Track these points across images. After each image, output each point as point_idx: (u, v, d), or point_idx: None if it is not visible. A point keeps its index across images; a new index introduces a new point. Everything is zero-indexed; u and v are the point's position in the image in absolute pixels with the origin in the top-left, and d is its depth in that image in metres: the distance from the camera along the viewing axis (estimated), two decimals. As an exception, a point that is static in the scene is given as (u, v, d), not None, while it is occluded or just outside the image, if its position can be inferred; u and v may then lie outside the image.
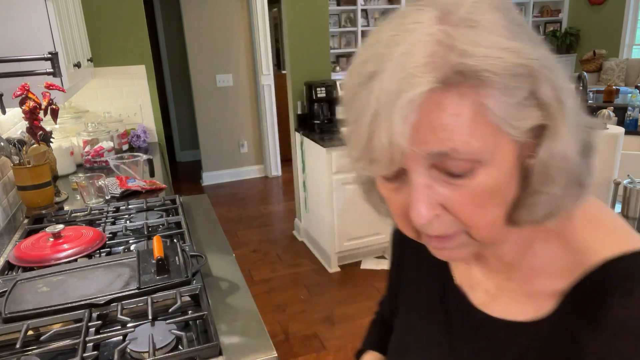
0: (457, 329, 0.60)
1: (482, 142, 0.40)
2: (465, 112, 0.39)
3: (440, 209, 0.44)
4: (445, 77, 0.39)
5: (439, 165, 0.42)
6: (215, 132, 5.08)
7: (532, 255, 0.52)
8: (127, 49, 3.06)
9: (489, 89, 0.39)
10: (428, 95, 0.39)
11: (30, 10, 1.52)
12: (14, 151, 1.68)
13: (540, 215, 0.46)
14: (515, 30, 0.41)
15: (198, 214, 1.73)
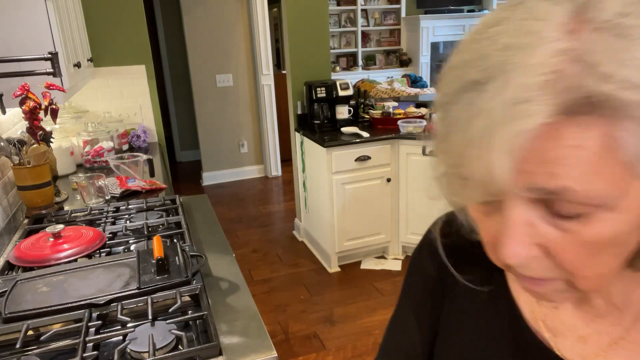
0: None
1: (606, 185, 0.31)
2: (590, 145, 0.30)
3: (538, 250, 0.36)
4: (573, 105, 0.30)
5: (545, 201, 0.34)
6: (215, 132, 5.08)
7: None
8: (127, 49, 3.06)
9: (627, 121, 0.30)
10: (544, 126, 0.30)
11: (30, 10, 1.52)
12: (14, 151, 1.68)
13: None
14: None
15: (198, 214, 1.73)
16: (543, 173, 0.31)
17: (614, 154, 0.31)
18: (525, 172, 0.32)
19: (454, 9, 6.45)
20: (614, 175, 0.31)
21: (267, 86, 4.98)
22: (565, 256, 0.35)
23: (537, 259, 0.36)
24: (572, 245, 0.35)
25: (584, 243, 0.34)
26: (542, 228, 0.35)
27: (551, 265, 0.36)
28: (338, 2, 6.14)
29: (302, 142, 3.33)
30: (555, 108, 0.30)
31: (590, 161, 0.31)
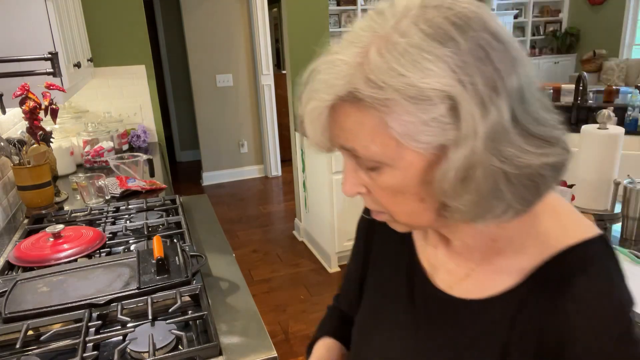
0: (421, 309, 0.63)
1: (381, 149, 0.48)
2: (367, 122, 0.47)
3: (363, 189, 0.54)
4: (343, 96, 0.47)
5: (355, 156, 0.51)
6: (215, 132, 5.08)
7: (493, 239, 0.57)
8: (127, 49, 3.06)
9: (390, 110, 0.45)
10: (334, 106, 0.48)
11: (30, 10, 1.52)
12: (14, 151, 1.68)
13: (462, 219, 0.50)
14: (436, 57, 0.43)
15: (198, 214, 1.73)
16: (342, 137, 0.50)
17: (385, 131, 0.46)
18: (335, 134, 0.50)
19: (454, 9, 6.45)
20: (387, 144, 0.47)
21: (267, 86, 4.98)
22: (377, 195, 0.53)
23: (366, 197, 0.55)
24: (378, 189, 0.52)
25: (382, 188, 0.51)
26: (361, 174, 0.52)
27: (375, 202, 0.54)
28: (338, 2, 6.14)
29: (302, 142, 3.33)
30: (332, 97, 0.47)
31: (367, 133, 0.47)
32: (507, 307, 0.55)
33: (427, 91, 0.43)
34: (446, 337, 0.59)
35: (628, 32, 6.64)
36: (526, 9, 7.42)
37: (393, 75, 0.44)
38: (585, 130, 1.58)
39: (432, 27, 0.44)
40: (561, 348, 0.51)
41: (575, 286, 0.51)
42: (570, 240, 0.53)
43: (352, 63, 0.46)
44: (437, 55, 0.43)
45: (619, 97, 3.03)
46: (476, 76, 0.44)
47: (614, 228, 1.51)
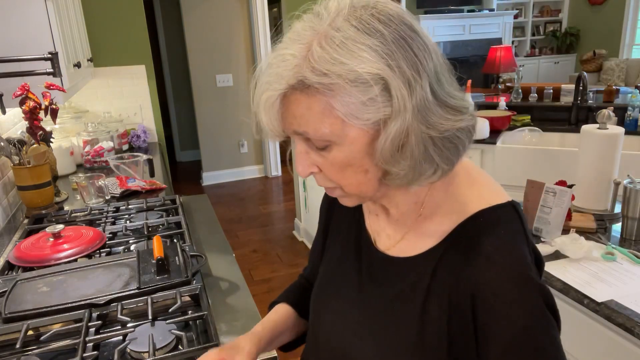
0: (365, 270, 0.72)
1: (329, 129, 0.55)
2: (315, 107, 0.54)
3: (315, 168, 0.61)
4: (294, 85, 0.54)
5: (307, 139, 0.58)
6: (215, 132, 5.08)
7: (421, 206, 0.67)
8: (127, 49, 3.05)
9: (334, 94, 0.53)
10: (285, 95, 0.55)
11: (30, 10, 1.52)
12: (14, 151, 1.68)
13: (401, 183, 0.59)
14: (367, 47, 0.52)
15: (198, 214, 1.73)
16: (295, 123, 0.57)
17: (331, 113, 0.54)
18: (288, 122, 0.57)
19: (454, 9, 6.45)
20: (334, 124, 0.55)
21: (267, 86, 4.97)
22: (328, 172, 0.60)
23: (318, 175, 0.62)
24: (328, 165, 0.59)
25: (333, 164, 0.59)
26: (312, 155, 0.60)
27: (326, 178, 0.62)
28: (338, 2, 6.13)
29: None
30: (284, 86, 0.54)
31: (317, 117, 0.55)
32: (429, 262, 0.64)
33: (364, 75, 0.52)
34: (380, 290, 0.69)
35: (628, 32, 6.64)
36: (526, 9, 7.41)
37: (334, 64, 0.52)
38: (585, 130, 1.58)
39: (362, 23, 0.53)
40: (472, 295, 0.59)
41: (484, 244, 0.60)
42: (483, 205, 0.63)
43: (298, 56, 0.54)
44: (368, 45, 0.52)
45: (619, 97, 3.03)
46: (401, 61, 0.53)
47: (614, 228, 1.51)
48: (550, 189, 1.43)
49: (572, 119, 2.87)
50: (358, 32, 0.53)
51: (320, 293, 0.79)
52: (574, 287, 1.19)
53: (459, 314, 0.61)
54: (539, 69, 7.45)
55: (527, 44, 7.53)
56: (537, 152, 2.54)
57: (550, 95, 3.12)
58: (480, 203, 0.63)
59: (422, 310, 0.63)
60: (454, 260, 0.62)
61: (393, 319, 0.66)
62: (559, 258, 1.34)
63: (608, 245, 1.38)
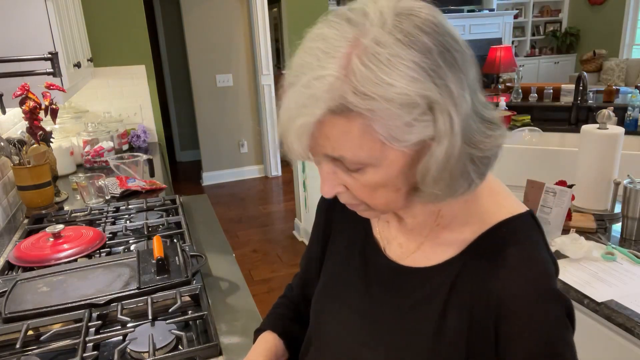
0: (373, 278, 0.69)
1: (368, 153, 0.51)
2: (354, 130, 0.50)
3: (342, 188, 0.58)
4: (333, 109, 0.48)
5: (338, 160, 0.54)
6: (215, 132, 5.07)
7: (438, 215, 0.64)
8: (127, 49, 3.05)
9: (377, 116, 0.48)
10: (320, 120, 0.49)
11: (30, 10, 1.52)
12: (14, 151, 1.68)
13: (430, 200, 0.57)
14: (415, 64, 0.48)
15: (198, 214, 1.73)
16: (328, 146, 0.52)
17: (371, 136, 0.50)
18: (319, 145, 0.52)
19: (454, 9, 6.45)
20: (373, 147, 0.51)
21: (267, 86, 4.97)
22: (357, 192, 0.57)
23: (343, 193, 0.58)
24: (359, 186, 0.56)
25: (364, 185, 0.55)
26: (341, 175, 0.56)
27: (352, 197, 0.58)
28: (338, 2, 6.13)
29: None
30: (323, 111, 0.48)
31: (355, 140, 0.50)
32: (448, 273, 0.62)
33: (413, 97, 0.48)
34: (394, 301, 0.66)
35: (628, 32, 6.64)
36: (526, 9, 7.41)
37: (380, 85, 0.47)
38: (585, 130, 1.58)
39: (407, 36, 0.48)
40: (497, 308, 0.58)
41: (509, 256, 0.58)
42: (503, 215, 0.62)
43: (336, 74, 0.48)
44: (416, 62, 0.48)
45: (619, 97, 3.03)
46: (447, 77, 0.49)
47: (614, 228, 1.51)
48: (550, 189, 1.43)
49: (572, 119, 2.87)
50: (404, 47, 0.48)
51: (323, 302, 0.76)
52: (574, 287, 1.19)
53: (481, 327, 0.59)
54: (539, 69, 7.45)
55: (527, 44, 7.53)
56: (537, 152, 2.54)
57: (550, 95, 3.12)
58: (501, 213, 0.62)
59: (438, 322, 0.61)
60: (476, 271, 0.60)
61: (407, 330, 0.63)
62: (559, 258, 1.34)
63: (608, 245, 1.38)
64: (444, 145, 0.51)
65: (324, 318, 0.74)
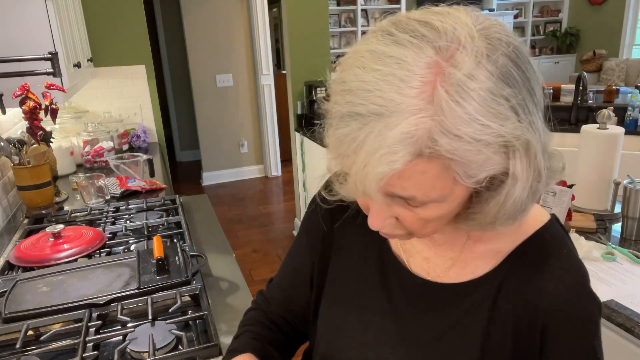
0: (399, 295, 0.65)
1: (439, 192, 0.48)
2: (432, 171, 0.45)
3: (393, 219, 0.54)
4: (420, 153, 0.43)
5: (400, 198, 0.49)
6: (215, 132, 5.07)
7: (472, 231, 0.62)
8: (127, 49, 3.05)
9: (458, 157, 0.44)
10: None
11: (30, 10, 1.52)
12: (14, 151, 1.68)
13: (477, 229, 0.56)
14: (505, 101, 0.43)
15: (198, 214, 1.73)
16: (398, 186, 0.47)
17: (447, 175, 0.46)
18: (390, 185, 0.46)
19: (454, 9, 6.44)
20: (445, 186, 0.47)
21: (267, 86, 4.98)
22: (409, 224, 0.53)
23: (391, 225, 0.54)
24: (414, 219, 0.52)
25: (421, 218, 0.52)
26: (396, 209, 0.52)
27: (400, 227, 0.54)
28: (338, 2, 6.14)
29: (302, 142, 3.33)
30: (409, 157, 0.43)
31: (430, 180, 0.46)
32: (488, 287, 0.59)
33: (507, 138, 0.44)
34: (429, 320, 0.62)
35: (628, 32, 6.64)
36: (526, 9, 7.41)
37: (471, 124, 0.42)
38: (585, 130, 1.58)
39: (498, 67, 0.43)
40: (544, 316, 0.57)
41: (551, 264, 0.58)
42: (537, 224, 0.60)
43: (427, 114, 0.42)
44: (506, 98, 0.43)
45: (619, 97, 3.04)
46: (532, 113, 0.46)
47: (614, 228, 1.51)
48: (550, 189, 1.43)
49: (572, 119, 2.88)
50: (496, 81, 0.43)
51: (339, 328, 0.69)
52: (574, 287, 1.19)
53: (525, 340, 0.58)
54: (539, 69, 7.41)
55: (527, 44, 7.52)
56: (537, 152, 2.53)
57: (550, 95, 3.12)
58: (535, 221, 0.60)
59: (484, 337, 0.59)
60: (518, 283, 0.58)
61: (449, 350, 0.60)
62: (559, 258, 1.34)
63: (608, 245, 1.38)
64: (518, 183, 0.48)
65: (343, 344, 0.68)
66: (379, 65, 0.44)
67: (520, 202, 0.50)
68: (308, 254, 0.75)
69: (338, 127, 0.46)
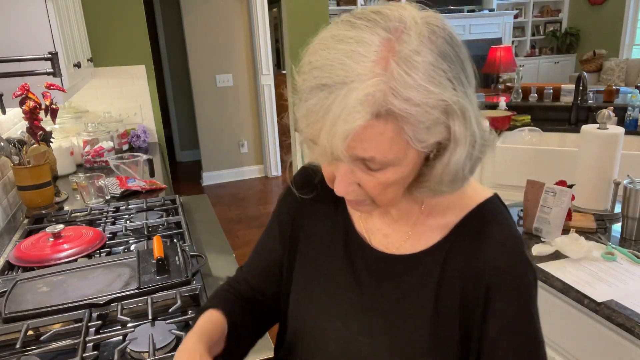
0: (361, 269, 0.72)
1: (395, 154, 0.55)
2: (388, 133, 0.53)
3: (356, 186, 0.61)
4: (379, 113, 0.51)
5: (361, 160, 0.56)
6: (215, 132, 5.07)
7: (422, 205, 0.70)
8: (127, 49, 3.05)
9: (408, 120, 0.52)
10: (365, 124, 0.51)
11: (30, 10, 1.52)
12: (14, 151, 1.68)
13: (429, 195, 0.64)
14: (443, 73, 0.53)
15: (198, 214, 1.73)
16: (359, 148, 0.54)
17: (400, 137, 0.53)
18: (350, 147, 0.53)
19: (454, 9, 6.45)
20: (400, 148, 0.55)
21: (267, 86, 4.98)
22: (370, 189, 0.60)
23: (355, 190, 0.61)
24: (374, 184, 0.59)
25: (381, 182, 0.58)
26: (358, 174, 0.59)
27: (363, 193, 0.61)
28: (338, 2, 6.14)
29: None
30: (369, 115, 0.51)
31: (386, 142, 0.53)
32: (437, 255, 0.67)
33: (449, 103, 0.53)
34: (387, 289, 0.69)
35: (628, 32, 6.64)
36: (526, 9, 7.41)
37: (419, 91, 0.51)
38: (585, 130, 1.58)
39: (437, 46, 0.53)
40: (486, 278, 0.64)
41: (491, 232, 0.66)
42: (479, 200, 0.69)
43: (382, 79, 0.50)
44: (444, 71, 0.53)
45: (619, 97, 3.03)
46: (465, 85, 0.55)
47: (614, 228, 1.51)
48: (550, 189, 1.43)
49: (572, 119, 2.88)
50: (437, 56, 0.52)
51: (307, 300, 0.76)
52: (574, 287, 1.19)
53: (472, 300, 0.65)
54: (539, 69, 7.45)
55: (527, 44, 7.53)
56: (537, 152, 2.54)
57: (550, 95, 3.12)
58: (478, 196, 0.69)
59: (435, 301, 0.66)
60: (463, 250, 0.66)
61: (406, 314, 0.67)
62: (559, 258, 1.34)
63: (608, 245, 1.38)
64: (460, 147, 0.56)
65: (314, 318, 0.74)
66: (341, 45, 0.53)
67: (461, 164, 0.58)
68: (278, 239, 0.82)
69: (308, 98, 0.54)
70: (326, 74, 0.52)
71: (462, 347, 0.66)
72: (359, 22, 0.54)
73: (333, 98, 0.51)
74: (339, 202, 0.74)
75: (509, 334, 0.64)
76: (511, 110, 2.99)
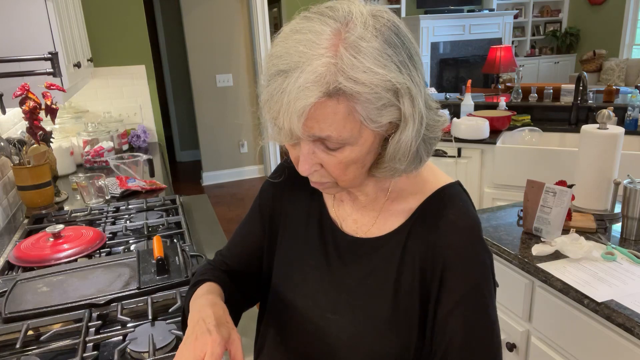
0: (333, 254, 0.78)
1: (349, 133, 0.60)
2: (340, 112, 0.58)
3: (318, 166, 0.66)
4: (329, 92, 0.57)
5: (321, 140, 0.62)
6: (215, 132, 5.07)
7: (388, 191, 0.76)
8: (127, 49, 3.06)
9: (359, 99, 0.58)
10: (318, 101, 0.57)
11: (30, 10, 1.52)
12: (14, 151, 1.68)
13: (389, 175, 0.69)
14: (388, 57, 0.58)
15: (198, 214, 1.73)
16: (316, 127, 0.60)
17: (353, 117, 0.59)
18: (308, 126, 0.59)
19: (454, 9, 6.45)
20: (354, 128, 0.60)
21: (267, 86, 4.97)
22: (331, 169, 0.66)
23: (318, 172, 0.67)
24: (335, 163, 0.64)
25: (340, 162, 0.64)
26: (319, 154, 0.64)
27: (325, 174, 0.67)
28: (338, 2, 6.13)
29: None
30: (321, 93, 0.56)
31: (341, 121, 0.59)
32: (399, 238, 0.73)
33: (394, 83, 0.58)
34: (353, 269, 0.75)
35: (628, 32, 6.64)
36: (526, 9, 7.41)
37: (366, 72, 0.57)
38: (585, 130, 1.58)
39: (383, 34, 0.59)
40: (442, 256, 0.69)
41: (448, 214, 0.71)
42: (439, 185, 0.75)
43: (332, 62, 0.56)
44: (389, 55, 0.59)
45: (619, 97, 3.03)
46: (411, 69, 0.61)
47: (614, 228, 1.51)
48: (550, 189, 1.43)
49: (572, 119, 2.87)
50: (381, 42, 0.58)
51: (285, 282, 0.82)
52: (574, 287, 1.19)
53: (430, 277, 0.70)
54: (539, 69, 7.45)
55: (527, 44, 7.53)
56: (537, 152, 2.54)
57: (550, 95, 3.12)
58: (438, 182, 0.75)
59: (396, 280, 0.71)
60: (422, 231, 0.72)
61: (369, 292, 0.73)
62: (559, 258, 1.34)
63: (608, 245, 1.38)
64: (409, 126, 0.62)
65: (290, 298, 0.80)
66: (297, 35, 0.59)
67: (411, 142, 0.63)
68: (259, 223, 0.87)
69: (269, 84, 0.60)
70: (283, 61, 0.58)
71: (421, 322, 0.71)
72: (313, 15, 0.61)
73: (289, 81, 0.57)
74: (315, 191, 0.79)
75: (459, 310, 0.68)
76: (511, 110, 2.99)
